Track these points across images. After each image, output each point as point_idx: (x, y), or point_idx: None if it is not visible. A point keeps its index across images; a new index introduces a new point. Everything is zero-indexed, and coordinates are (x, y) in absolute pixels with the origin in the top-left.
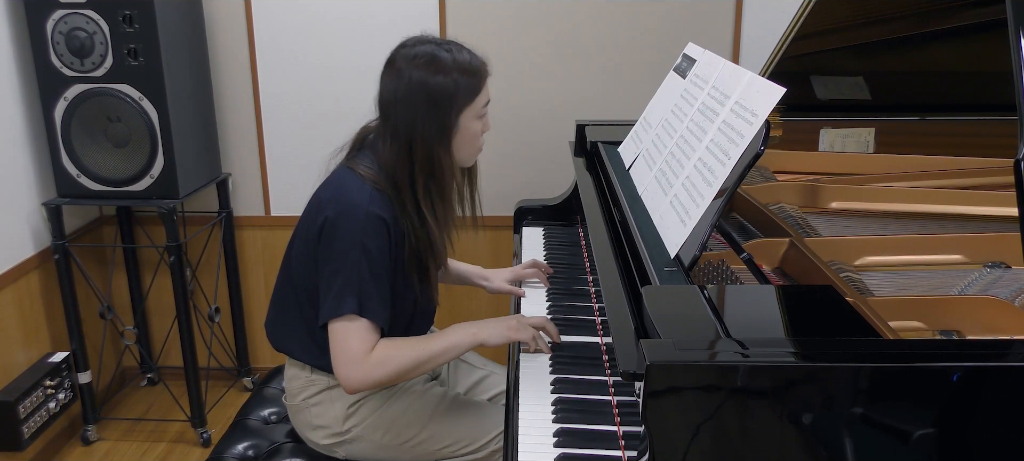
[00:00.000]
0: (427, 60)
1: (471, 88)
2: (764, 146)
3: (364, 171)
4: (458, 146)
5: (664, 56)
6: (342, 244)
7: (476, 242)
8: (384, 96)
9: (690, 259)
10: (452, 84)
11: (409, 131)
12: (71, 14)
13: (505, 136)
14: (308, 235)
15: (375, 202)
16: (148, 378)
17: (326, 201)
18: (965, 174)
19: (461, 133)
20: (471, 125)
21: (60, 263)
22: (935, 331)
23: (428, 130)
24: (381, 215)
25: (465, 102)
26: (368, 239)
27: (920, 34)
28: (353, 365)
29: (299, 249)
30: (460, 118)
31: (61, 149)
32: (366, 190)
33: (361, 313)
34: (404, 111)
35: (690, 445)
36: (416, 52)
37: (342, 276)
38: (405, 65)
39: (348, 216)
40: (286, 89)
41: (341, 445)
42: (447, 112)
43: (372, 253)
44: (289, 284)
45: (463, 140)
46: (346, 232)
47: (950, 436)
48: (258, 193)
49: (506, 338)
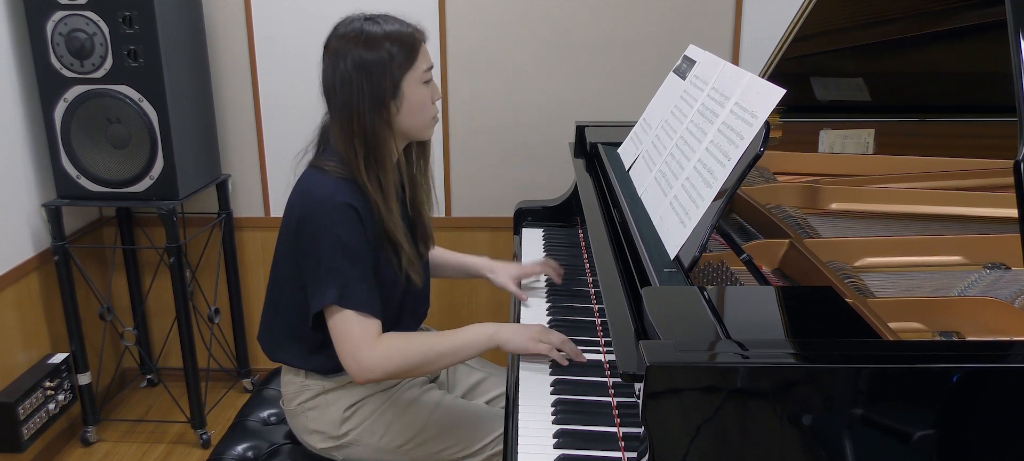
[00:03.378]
0: (357, 35)
1: (406, 55)
2: (764, 147)
3: (327, 166)
4: (407, 116)
5: (664, 57)
6: (316, 238)
7: (476, 243)
8: (325, 80)
9: (690, 260)
10: (386, 54)
11: (348, 109)
12: (71, 15)
13: (505, 137)
14: (287, 241)
15: (341, 191)
16: (148, 379)
17: (296, 204)
18: (965, 175)
19: (408, 102)
20: (416, 92)
21: (60, 264)
22: (935, 332)
23: (363, 104)
24: (349, 202)
25: (402, 70)
26: (339, 228)
27: (920, 35)
28: (361, 353)
29: (282, 256)
30: (402, 86)
31: (61, 150)
32: (330, 182)
33: (344, 301)
34: (343, 90)
35: (690, 446)
36: (347, 30)
37: (322, 268)
38: (339, 45)
39: (318, 211)
40: (286, 90)
41: (339, 449)
42: (382, 83)
43: (346, 241)
44: (277, 292)
45: (412, 108)
46: (318, 226)
47: (950, 437)
48: (258, 194)
49: (526, 349)
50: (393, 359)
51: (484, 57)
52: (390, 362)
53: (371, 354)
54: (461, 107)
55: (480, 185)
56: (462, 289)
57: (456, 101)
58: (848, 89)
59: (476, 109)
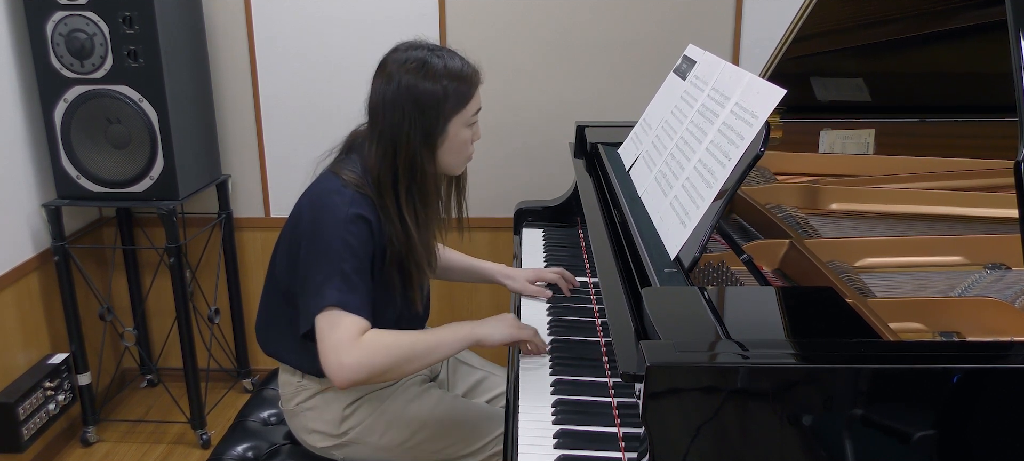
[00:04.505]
0: (418, 65)
1: (461, 95)
2: (764, 147)
3: (348, 175)
4: (446, 153)
5: (664, 57)
6: (324, 241)
7: (475, 244)
8: (373, 99)
9: (690, 260)
10: (441, 91)
11: (395, 135)
12: (71, 15)
13: (505, 137)
14: (292, 241)
15: (357, 203)
16: (148, 379)
17: (307, 207)
18: (965, 175)
19: (450, 141)
20: (460, 133)
21: (60, 264)
22: (935, 332)
23: (414, 135)
24: (364, 215)
25: (454, 110)
26: (350, 237)
27: (920, 35)
28: (342, 352)
29: (283, 255)
30: (449, 125)
31: (61, 150)
32: (347, 193)
33: (343, 306)
34: (391, 115)
35: (690, 446)
36: (408, 57)
37: (324, 271)
38: (396, 69)
39: (330, 217)
40: (286, 90)
41: (338, 448)
42: (435, 119)
43: (355, 249)
44: (275, 290)
45: (452, 148)
46: (328, 230)
47: (950, 438)
48: (258, 194)
49: (510, 337)
50: (375, 358)
51: (484, 57)
52: (372, 360)
53: (353, 353)
54: None
55: (480, 185)
56: (462, 290)
57: None
58: (848, 89)
59: None
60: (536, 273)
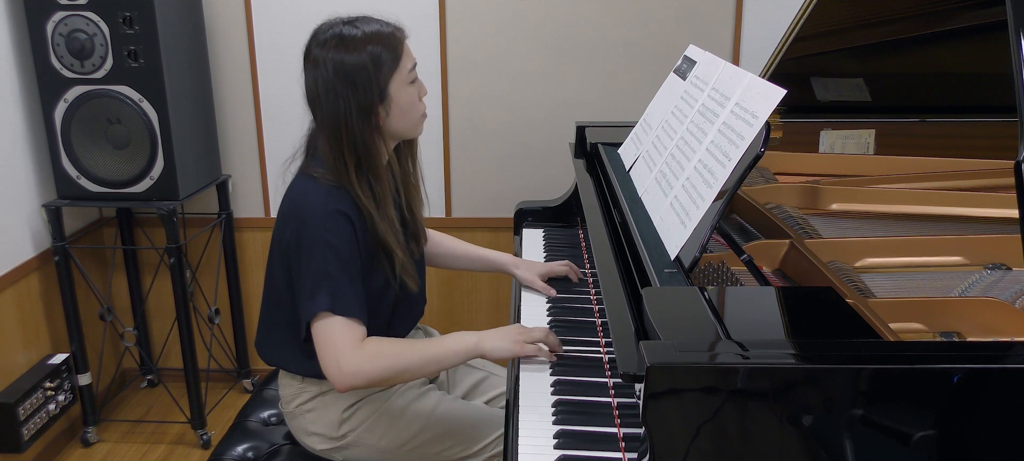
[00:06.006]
0: (337, 41)
1: (390, 56)
2: (764, 148)
3: (317, 172)
4: (396, 118)
5: (664, 58)
6: (307, 246)
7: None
8: (308, 92)
9: (690, 261)
10: (367, 58)
11: (335, 119)
12: (71, 15)
13: (505, 137)
14: (280, 247)
15: (333, 198)
16: (148, 380)
17: (287, 213)
18: (965, 176)
19: (396, 104)
20: (403, 93)
21: (60, 265)
22: (935, 333)
23: (352, 113)
24: (341, 209)
25: (388, 73)
26: (331, 235)
27: (920, 36)
28: (343, 358)
29: (275, 264)
30: (389, 89)
31: (61, 151)
32: (321, 190)
33: (335, 309)
34: (328, 100)
35: (690, 447)
36: (326, 37)
37: (312, 276)
38: (319, 53)
39: (309, 219)
40: (286, 91)
41: (338, 450)
42: (368, 89)
43: (337, 248)
44: (273, 297)
45: (400, 110)
46: (309, 234)
47: (950, 438)
48: (258, 195)
49: (512, 353)
50: (376, 364)
51: (484, 57)
52: (372, 367)
53: (353, 359)
54: (461, 107)
55: (480, 185)
56: (462, 289)
57: (456, 101)
58: (848, 89)
59: (476, 109)
60: (545, 267)
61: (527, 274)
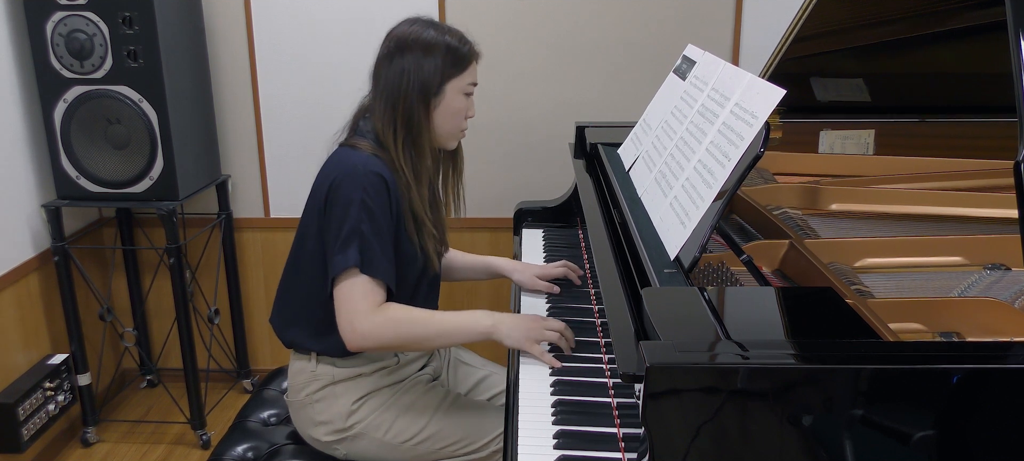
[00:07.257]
0: (426, 24)
1: (460, 56)
2: (764, 148)
3: (360, 144)
4: (441, 117)
5: (664, 58)
6: (343, 204)
7: (476, 244)
8: (378, 60)
9: (690, 261)
10: (443, 45)
11: (397, 85)
12: (71, 16)
13: (505, 137)
14: (314, 211)
15: (373, 163)
16: (148, 380)
17: (327, 173)
18: (965, 176)
19: (446, 104)
20: (456, 100)
21: (60, 265)
22: (935, 333)
23: (412, 85)
24: (380, 173)
25: (452, 69)
26: (368, 197)
27: (920, 36)
28: (358, 319)
29: (307, 227)
30: (446, 86)
31: (61, 151)
32: (363, 155)
33: (364, 267)
34: (394, 69)
35: (690, 447)
36: (413, 25)
37: (345, 232)
38: (406, 27)
39: (349, 178)
40: (286, 91)
41: (342, 442)
42: (433, 71)
43: (373, 210)
44: (297, 267)
45: (447, 112)
46: (347, 192)
47: (950, 438)
48: (258, 195)
49: (522, 347)
50: (388, 330)
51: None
52: (384, 332)
53: (367, 321)
54: None
55: (480, 185)
56: (462, 289)
57: None
58: (848, 90)
59: (476, 109)
60: (542, 269)
61: (524, 277)
